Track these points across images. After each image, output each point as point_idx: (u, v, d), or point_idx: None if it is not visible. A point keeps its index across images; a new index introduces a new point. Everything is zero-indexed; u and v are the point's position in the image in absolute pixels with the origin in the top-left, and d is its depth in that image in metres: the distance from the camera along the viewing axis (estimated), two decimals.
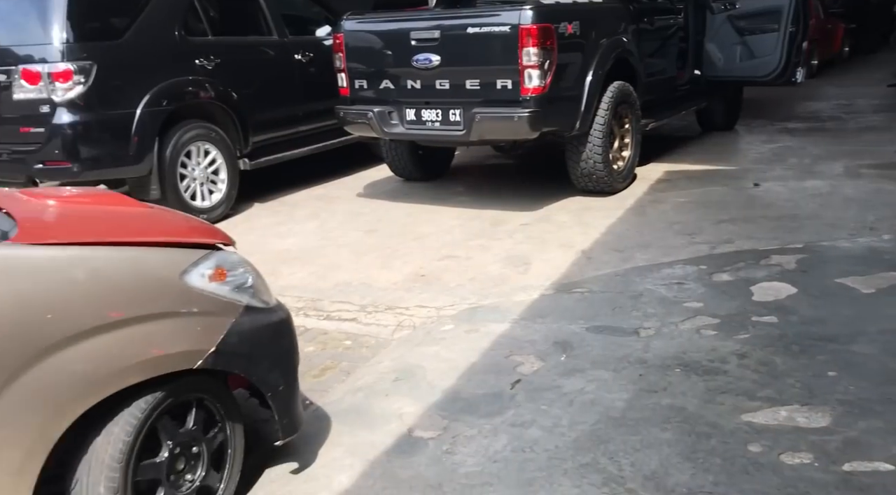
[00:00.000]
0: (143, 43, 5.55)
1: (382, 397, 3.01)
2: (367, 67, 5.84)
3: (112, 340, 1.94)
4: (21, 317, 1.80)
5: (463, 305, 3.90)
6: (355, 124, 6.05)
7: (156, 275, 2.12)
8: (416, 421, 2.81)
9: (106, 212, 2.51)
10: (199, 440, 2.19)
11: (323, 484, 2.46)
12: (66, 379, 1.85)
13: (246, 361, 2.28)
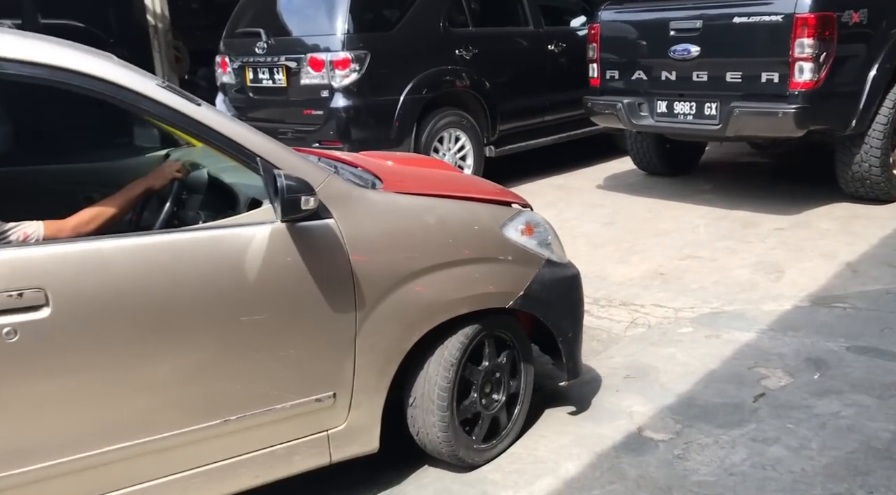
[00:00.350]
0: (411, 34, 6.05)
1: (612, 392, 3.00)
2: (620, 58, 5.80)
3: (451, 275, 2.32)
4: (391, 247, 2.19)
5: (704, 309, 3.76)
6: (602, 115, 6.04)
7: (483, 225, 2.48)
8: (646, 421, 2.77)
9: (437, 172, 2.95)
10: (502, 369, 2.55)
11: (550, 468, 2.52)
12: (416, 302, 2.24)
13: (545, 307, 2.60)
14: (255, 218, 1.99)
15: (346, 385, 2.14)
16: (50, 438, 1.73)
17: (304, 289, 2.01)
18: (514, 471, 2.52)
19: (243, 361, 1.96)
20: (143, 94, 1.87)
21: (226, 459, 1.99)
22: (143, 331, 1.81)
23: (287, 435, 2.09)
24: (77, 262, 1.75)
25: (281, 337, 2.00)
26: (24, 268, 1.68)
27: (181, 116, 1.91)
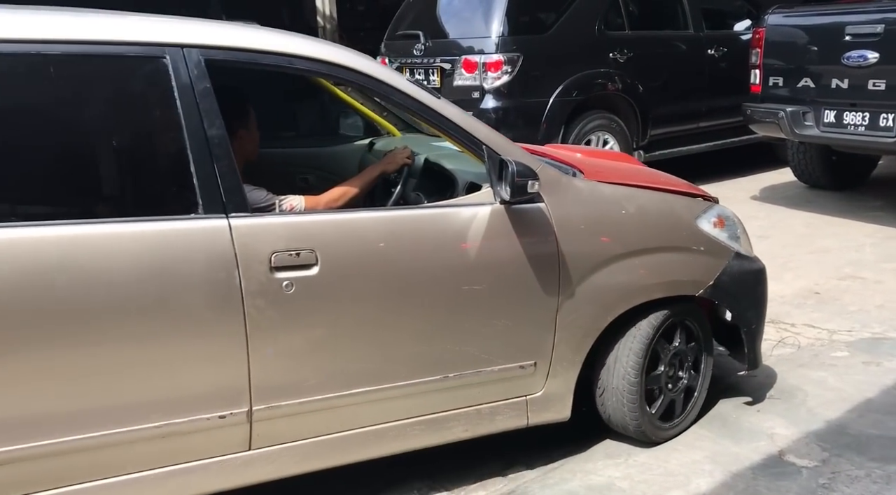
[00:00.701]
0: (565, 37, 6.37)
1: (753, 412, 3.03)
2: (786, 64, 5.84)
3: (647, 261, 2.65)
4: (594, 232, 2.54)
5: (864, 333, 3.73)
6: (762, 123, 6.08)
7: (679, 215, 2.80)
8: (789, 444, 2.77)
9: (629, 165, 3.26)
10: (685, 355, 2.86)
11: (680, 482, 2.58)
12: (614, 285, 2.58)
13: (731, 298, 2.87)
14: (476, 199, 2.41)
15: (546, 355, 2.51)
16: (308, 378, 2.19)
17: (516, 264, 2.40)
18: (642, 481, 2.60)
19: (462, 325, 2.37)
20: (396, 87, 2.33)
21: (440, 412, 2.42)
22: (388, 291, 2.25)
23: (492, 396, 2.48)
24: (341, 229, 2.22)
25: (494, 306, 2.40)
26: (301, 231, 2.15)
27: (424, 107, 2.36)
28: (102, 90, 2.09)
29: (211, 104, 2.06)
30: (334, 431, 2.28)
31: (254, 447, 2.19)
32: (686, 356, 2.86)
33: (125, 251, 1.96)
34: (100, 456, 2.01)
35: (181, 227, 2.03)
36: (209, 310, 2.04)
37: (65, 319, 1.91)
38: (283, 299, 2.10)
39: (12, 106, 1.97)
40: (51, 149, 2.02)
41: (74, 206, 2.03)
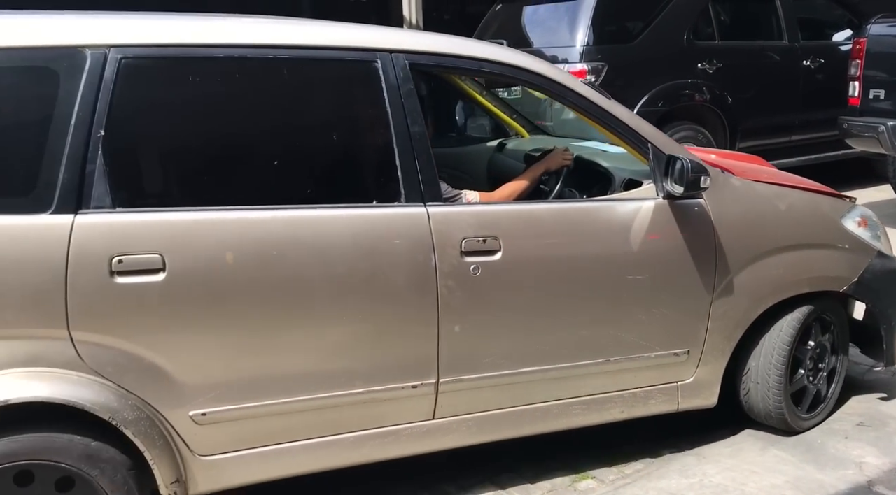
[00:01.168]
0: (652, 46, 6.75)
1: (840, 438, 3.13)
2: (889, 76, 6.07)
3: (795, 257, 3.02)
4: (748, 227, 2.92)
5: None
6: (860, 138, 6.33)
7: (825, 214, 3.19)
8: (879, 475, 2.85)
9: (766, 168, 3.61)
10: (825, 349, 3.22)
11: None
12: (765, 279, 2.95)
13: (874, 295, 3.23)
14: (640, 194, 2.80)
15: (699, 344, 2.89)
16: (487, 355, 2.59)
17: (676, 257, 2.78)
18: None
19: (624, 312, 2.76)
20: (572, 89, 2.76)
21: (600, 393, 2.81)
22: (560, 278, 2.65)
23: (647, 380, 2.87)
24: (521, 219, 2.64)
25: (654, 296, 2.78)
26: (487, 220, 2.56)
27: (595, 107, 2.77)
28: (324, 90, 2.54)
29: (414, 104, 2.50)
30: (506, 406, 2.69)
31: (437, 417, 2.60)
32: (825, 350, 3.21)
33: (341, 233, 2.40)
34: (311, 418, 2.44)
35: (387, 213, 2.46)
36: (408, 289, 2.46)
37: (290, 289, 2.34)
38: (471, 281, 2.51)
39: (252, 104, 2.44)
40: (279, 143, 2.48)
41: (299, 193, 2.48)
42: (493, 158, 3.89)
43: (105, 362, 2.19)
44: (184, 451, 2.32)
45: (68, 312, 2.13)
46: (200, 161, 2.39)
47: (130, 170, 2.27)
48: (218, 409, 2.32)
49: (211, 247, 2.25)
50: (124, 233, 2.18)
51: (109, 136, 2.17)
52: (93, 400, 2.16)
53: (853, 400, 3.44)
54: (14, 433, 2.11)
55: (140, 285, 2.19)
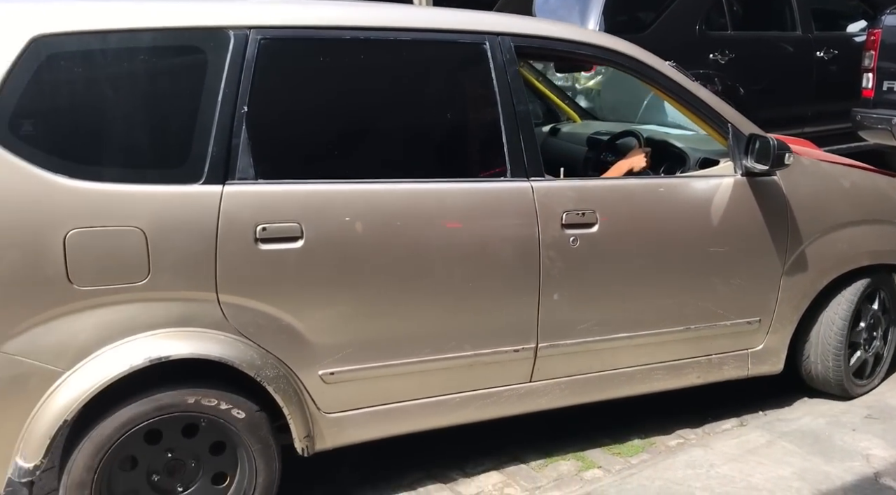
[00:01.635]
0: (663, 36, 7.18)
1: (848, 431, 3.33)
2: None
3: (857, 232, 3.52)
4: (816, 203, 3.39)
5: None
6: (873, 130, 6.86)
7: (884, 191, 3.72)
8: (886, 467, 3.02)
9: (819, 151, 4.07)
10: (879, 320, 3.71)
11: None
12: (831, 252, 3.44)
13: None
14: (719, 171, 3.25)
15: (769, 313, 3.35)
16: (581, 322, 2.99)
17: (753, 230, 3.23)
18: (724, 494, 2.88)
19: (705, 283, 3.20)
20: (661, 71, 3.20)
21: (679, 359, 3.25)
22: (649, 250, 3.07)
23: (721, 347, 3.32)
24: (616, 193, 3.07)
25: (732, 267, 3.22)
26: (586, 194, 2.98)
27: (682, 89, 3.22)
28: (440, 71, 2.94)
29: (519, 84, 2.91)
30: (595, 371, 3.11)
31: (533, 380, 3.01)
32: (879, 321, 3.71)
33: (455, 205, 2.79)
34: (424, 379, 2.83)
35: (495, 188, 2.86)
36: (514, 258, 2.86)
37: (411, 257, 2.72)
38: (570, 252, 2.93)
39: (377, 83, 2.82)
40: (401, 120, 2.88)
41: (419, 167, 2.86)
42: (547, 143, 4.32)
43: (247, 323, 2.55)
44: (312, 409, 2.70)
45: (217, 276, 2.49)
46: (332, 136, 2.77)
47: (270, 144, 2.61)
48: (344, 369, 2.70)
49: (343, 217, 2.63)
50: (267, 203, 2.55)
51: (251, 112, 2.54)
52: (241, 359, 2.53)
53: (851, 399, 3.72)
54: (161, 389, 2.48)
55: (280, 252, 2.56)
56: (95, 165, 2.39)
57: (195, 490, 2.60)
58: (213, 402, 2.53)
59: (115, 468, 2.49)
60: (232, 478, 2.65)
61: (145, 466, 2.54)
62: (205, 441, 2.59)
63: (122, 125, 2.47)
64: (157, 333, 2.46)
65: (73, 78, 2.41)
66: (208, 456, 2.60)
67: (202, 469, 2.61)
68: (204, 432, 2.57)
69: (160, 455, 2.55)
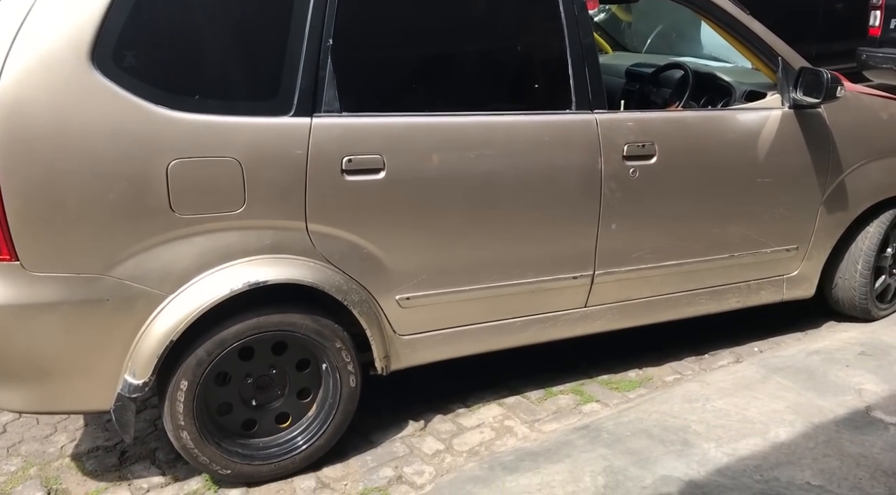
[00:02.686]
0: None
1: (842, 367, 3.37)
2: None
3: (891, 163, 3.67)
4: (856, 133, 3.53)
5: None
6: (879, 70, 6.93)
7: None
8: (877, 401, 3.07)
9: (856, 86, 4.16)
10: None
11: (758, 430, 2.89)
12: (867, 182, 3.60)
13: None
14: (768, 104, 3.36)
15: (806, 240, 3.52)
16: (635, 250, 3.14)
17: (798, 161, 3.36)
18: (719, 426, 2.91)
19: (751, 212, 3.34)
20: (717, 4, 3.25)
21: (722, 285, 3.42)
22: (703, 180, 3.19)
23: (761, 274, 3.49)
24: (673, 125, 3.16)
25: (777, 197, 3.36)
26: (646, 126, 3.07)
27: (738, 23, 3.30)
28: (511, 4, 2.97)
29: (585, 17, 2.96)
30: (645, 296, 3.27)
31: (589, 305, 3.16)
32: None
33: (525, 136, 2.88)
34: (490, 304, 2.97)
35: (562, 120, 2.95)
36: (577, 189, 2.97)
37: (483, 188, 2.82)
38: (629, 183, 3.04)
39: (454, 18, 2.88)
40: (474, 54, 2.96)
41: (490, 100, 2.96)
42: None
43: (333, 251, 2.66)
44: (388, 331, 2.83)
45: (307, 206, 2.58)
46: (411, 70, 2.85)
47: (354, 77, 2.67)
48: (419, 294, 2.83)
49: (421, 149, 2.72)
50: (353, 136, 2.63)
51: (336, 45, 2.59)
52: (330, 284, 2.65)
53: (857, 331, 3.83)
54: (259, 311, 2.61)
55: (364, 183, 2.65)
56: (194, 97, 2.45)
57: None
58: (303, 323, 2.67)
59: (212, 381, 2.63)
60: (316, 394, 2.82)
61: (247, 377, 2.70)
62: (294, 358, 2.75)
63: (217, 57, 2.54)
64: (252, 260, 2.56)
65: (171, 10, 2.45)
66: (295, 373, 2.77)
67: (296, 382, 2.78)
68: (297, 350, 2.74)
69: (259, 367, 2.71)
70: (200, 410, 2.61)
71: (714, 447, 2.78)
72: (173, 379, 2.54)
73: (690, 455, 2.75)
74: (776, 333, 3.90)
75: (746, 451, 2.75)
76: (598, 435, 2.89)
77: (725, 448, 2.78)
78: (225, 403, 2.70)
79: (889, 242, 3.81)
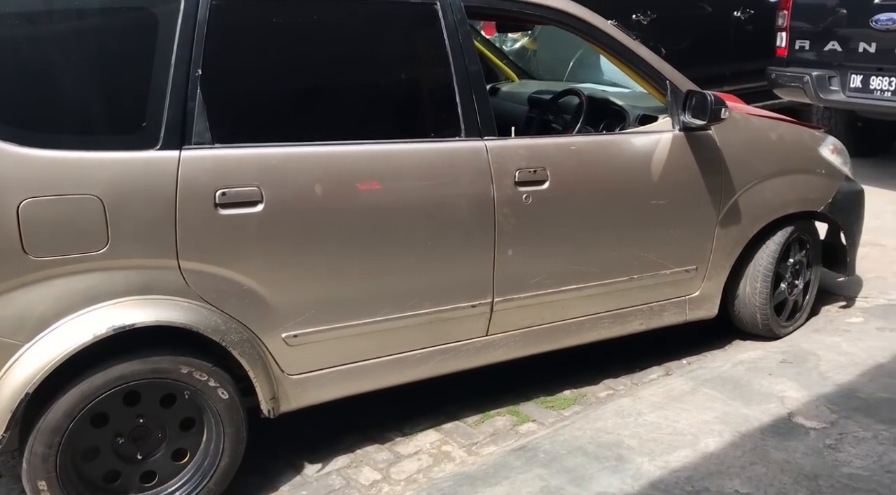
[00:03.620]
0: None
1: (765, 375, 3.43)
2: (813, 27, 6.74)
3: (784, 182, 3.64)
4: (747, 155, 3.49)
5: (880, 299, 4.27)
6: (787, 88, 7.00)
7: (807, 143, 3.86)
8: (798, 407, 3.14)
9: (745, 106, 4.13)
10: (802, 264, 3.87)
11: (688, 441, 2.92)
12: (760, 201, 3.56)
13: (843, 213, 3.93)
14: (659, 127, 3.32)
15: (705, 261, 3.47)
16: (533, 276, 3.03)
17: (690, 182, 3.32)
18: (651, 440, 2.94)
19: (647, 234, 3.28)
20: (605, 31, 3.23)
21: (625, 308, 3.34)
22: (596, 204, 3.12)
23: (662, 295, 3.43)
24: (564, 150, 3.10)
25: (671, 218, 3.31)
26: (537, 152, 3.00)
27: (624, 48, 3.27)
28: (394, 31, 2.88)
29: (471, 44, 2.89)
30: (547, 322, 3.18)
31: (490, 333, 3.05)
32: (802, 266, 3.87)
33: (412, 165, 2.78)
34: (385, 337, 2.84)
35: (451, 147, 2.86)
36: (470, 216, 2.87)
37: (371, 218, 2.70)
38: (523, 209, 2.95)
39: (332, 45, 2.76)
40: (357, 82, 2.84)
41: (376, 128, 2.84)
42: None
43: (210, 289, 2.51)
44: (276, 371, 2.68)
45: (177, 243, 2.43)
46: (289, 98, 2.71)
47: (226, 108, 2.54)
48: (308, 331, 2.68)
49: (302, 180, 2.59)
50: (226, 167, 2.49)
51: (206, 75, 2.46)
52: (205, 324, 2.48)
53: (777, 340, 3.88)
54: (130, 357, 2.42)
55: (241, 216, 2.51)
56: (47, 132, 2.30)
57: None
58: (175, 369, 2.50)
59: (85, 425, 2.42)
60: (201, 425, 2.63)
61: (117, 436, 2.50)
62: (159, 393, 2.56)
63: (73, 90, 2.38)
64: (119, 302, 2.39)
65: (19, 40, 2.30)
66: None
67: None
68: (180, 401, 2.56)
69: (129, 417, 2.52)
70: (64, 467, 2.39)
71: (647, 460, 2.81)
72: (31, 436, 2.34)
73: (625, 470, 2.77)
74: (705, 345, 3.91)
75: (678, 463, 2.79)
76: (534, 455, 2.87)
77: (658, 461, 2.80)
78: (94, 453, 2.48)
79: (788, 259, 3.79)
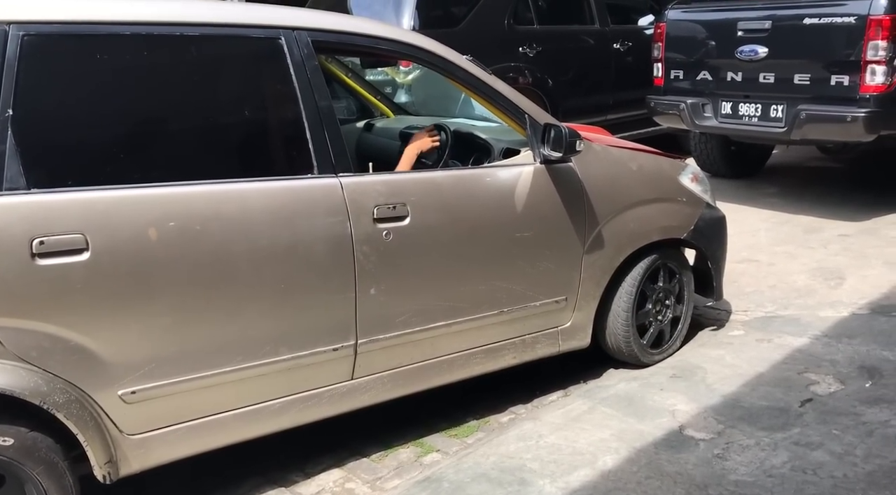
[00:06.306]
0: (475, 31, 7.18)
1: (657, 391, 3.47)
2: (686, 57, 6.91)
3: (646, 211, 3.56)
4: (609, 186, 3.40)
5: (758, 313, 4.36)
6: (665, 115, 7.15)
7: (667, 172, 3.79)
8: (688, 420, 3.19)
9: (610, 137, 4.09)
10: (670, 291, 3.81)
11: (588, 460, 2.95)
12: (624, 230, 3.47)
13: (706, 239, 3.89)
14: (520, 160, 3.20)
15: (574, 291, 3.36)
16: (399, 314, 2.85)
17: (554, 214, 3.21)
18: (552, 462, 2.95)
19: (514, 267, 3.14)
20: (459, 65, 3.09)
21: (496, 342, 3.19)
22: (460, 238, 2.97)
23: (534, 328, 3.29)
24: (425, 186, 2.94)
25: (538, 250, 3.19)
26: (396, 188, 2.83)
27: (480, 82, 3.13)
28: (234, 67, 2.68)
29: (319, 80, 2.70)
30: (417, 361, 2.99)
31: (355, 377, 2.84)
32: (671, 294, 3.80)
33: (260, 205, 2.56)
34: (238, 388, 2.59)
35: (302, 185, 2.65)
36: (327, 256, 2.67)
37: (215, 263, 2.47)
38: (383, 246, 2.77)
39: (164, 82, 2.54)
40: (194, 120, 2.60)
41: (218, 168, 2.60)
42: (363, 138, 4.13)
43: (29, 347, 2.22)
44: (113, 431, 2.39)
45: None
46: (117, 139, 2.46)
47: (45, 150, 2.29)
48: (148, 386, 2.42)
49: (134, 225, 2.34)
50: (44, 214, 2.22)
51: (18, 116, 2.20)
52: (22, 387, 2.19)
53: (666, 355, 3.88)
54: None
55: (63, 266, 2.24)
56: None
57: None
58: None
59: None
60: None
61: None
62: None
63: None
64: None
65: None
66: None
67: None
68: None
69: None
70: None
71: (549, 483, 2.82)
72: None
73: (527, 493, 2.77)
74: (604, 365, 3.85)
75: (578, 483, 2.81)
76: (439, 486, 2.84)
77: (559, 482, 2.82)
78: None
79: (650, 289, 3.71)
